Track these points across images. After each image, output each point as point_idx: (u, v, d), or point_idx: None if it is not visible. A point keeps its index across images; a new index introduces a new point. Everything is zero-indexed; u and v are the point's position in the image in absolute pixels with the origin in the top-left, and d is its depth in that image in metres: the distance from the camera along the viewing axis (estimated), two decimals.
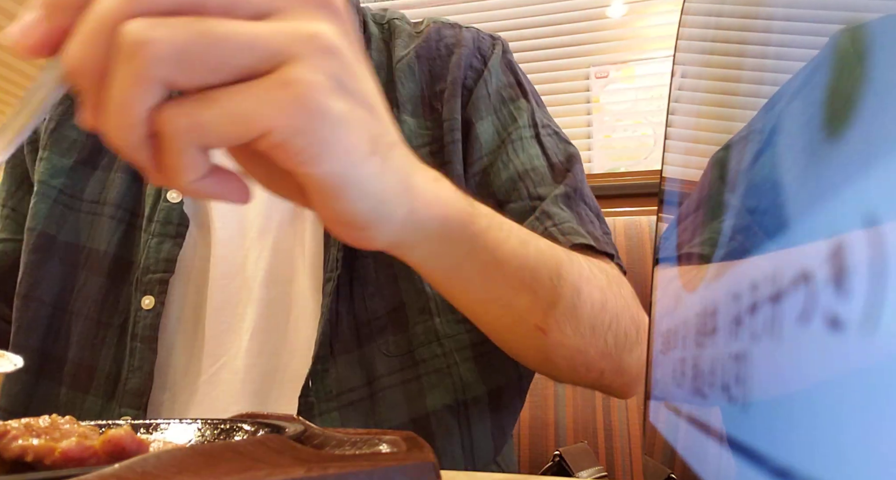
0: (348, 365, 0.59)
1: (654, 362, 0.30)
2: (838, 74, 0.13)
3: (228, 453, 0.20)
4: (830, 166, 0.13)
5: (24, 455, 0.23)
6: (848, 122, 0.12)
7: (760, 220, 0.17)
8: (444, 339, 0.61)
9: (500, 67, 0.69)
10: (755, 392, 0.16)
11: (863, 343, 0.11)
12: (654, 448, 0.30)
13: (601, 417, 1.03)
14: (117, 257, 0.64)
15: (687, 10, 0.33)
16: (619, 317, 0.53)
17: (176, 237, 0.62)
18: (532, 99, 0.68)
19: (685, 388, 0.24)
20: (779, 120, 0.18)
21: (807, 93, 0.15)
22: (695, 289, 0.23)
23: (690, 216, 0.26)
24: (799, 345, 0.14)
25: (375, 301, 0.60)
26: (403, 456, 0.21)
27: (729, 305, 0.18)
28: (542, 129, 0.66)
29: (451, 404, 0.60)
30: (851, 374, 0.12)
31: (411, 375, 0.60)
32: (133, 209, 0.65)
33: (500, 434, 0.64)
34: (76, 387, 0.61)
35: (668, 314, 0.28)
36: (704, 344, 0.21)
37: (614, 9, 1.85)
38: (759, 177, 0.18)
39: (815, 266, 0.13)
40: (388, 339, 0.60)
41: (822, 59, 0.14)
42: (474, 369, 0.61)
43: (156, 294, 0.60)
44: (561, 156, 0.65)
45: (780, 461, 0.14)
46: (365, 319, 0.60)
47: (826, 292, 0.12)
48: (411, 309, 0.60)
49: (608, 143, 1.82)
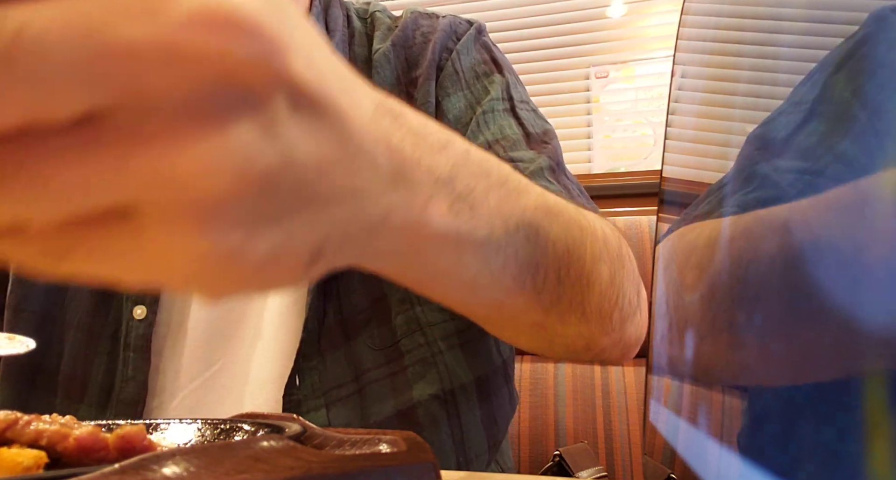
0: (336, 361, 0.58)
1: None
2: (888, 46, 0.14)
3: (228, 453, 0.20)
4: (877, 134, 0.13)
5: (38, 439, 0.23)
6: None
7: (811, 180, 0.18)
8: (427, 328, 0.59)
9: (472, 45, 0.66)
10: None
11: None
12: (654, 448, 0.30)
13: (601, 417, 1.03)
14: None
15: (687, 10, 0.33)
16: (624, 288, 0.47)
17: None
18: (509, 75, 0.65)
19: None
20: (822, 90, 0.18)
21: (853, 64, 0.15)
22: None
23: (720, 189, 0.26)
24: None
25: (358, 294, 0.59)
26: (403, 456, 0.21)
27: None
28: (519, 103, 0.63)
29: (437, 393, 0.59)
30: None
31: (397, 367, 0.59)
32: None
33: (491, 425, 0.63)
34: (70, 398, 0.61)
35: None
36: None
37: (614, 9, 1.85)
38: (807, 143, 0.18)
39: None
40: (374, 332, 0.59)
41: (867, 34, 0.14)
42: (460, 356, 0.61)
43: (147, 303, 0.59)
44: (538, 128, 0.62)
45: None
46: (349, 313, 0.59)
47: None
48: (392, 299, 0.59)
49: (608, 143, 1.82)
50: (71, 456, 0.23)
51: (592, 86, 1.86)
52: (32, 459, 0.22)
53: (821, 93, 0.18)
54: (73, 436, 0.23)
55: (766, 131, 0.22)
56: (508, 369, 0.67)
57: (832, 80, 0.17)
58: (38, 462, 0.22)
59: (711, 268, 0.23)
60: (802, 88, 0.19)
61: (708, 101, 0.30)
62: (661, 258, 0.30)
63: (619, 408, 1.03)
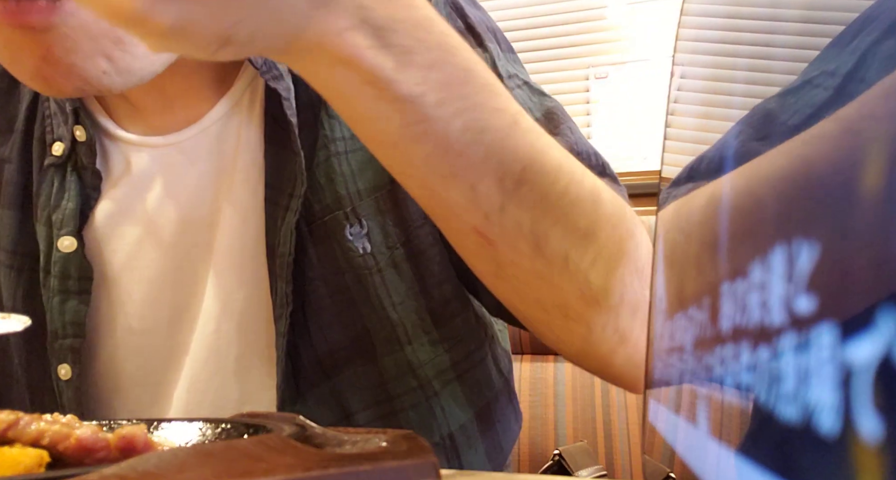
0: (319, 400, 0.52)
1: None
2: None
3: (228, 453, 0.20)
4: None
5: (40, 438, 0.23)
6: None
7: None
8: (420, 369, 0.53)
9: (441, 9, 0.52)
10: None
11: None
12: (654, 448, 0.30)
13: (601, 417, 1.03)
14: (30, 314, 0.52)
15: (686, 11, 0.33)
16: (617, 261, 0.41)
17: (80, 293, 0.51)
18: (491, 43, 0.53)
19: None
20: (861, 60, 0.15)
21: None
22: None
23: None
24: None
25: (335, 330, 0.52)
26: (403, 456, 0.21)
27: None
28: (508, 80, 0.52)
29: (436, 441, 0.54)
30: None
31: (387, 410, 0.53)
32: (31, 252, 0.53)
33: (497, 454, 0.59)
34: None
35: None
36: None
37: (614, 9, 1.85)
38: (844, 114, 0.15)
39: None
40: (357, 370, 0.53)
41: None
42: (458, 391, 0.55)
43: (70, 362, 0.51)
44: (536, 111, 0.52)
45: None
46: (326, 351, 0.52)
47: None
48: (377, 337, 0.53)
49: (608, 143, 1.82)
50: (72, 456, 0.23)
51: (592, 87, 1.86)
52: (34, 458, 0.22)
53: (856, 65, 0.15)
54: (75, 436, 0.23)
55: (778, 108, 0.19)
56: (510, 384, 0.62)
57: (874, 50, 0.14)
58: (39, 461, 0.22)
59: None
60: (833, 54, 0.16)
61: (707, 102, 0.30)
62: (660, 236, 0.30)
63: (619, 407, 1.03)
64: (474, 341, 0.57)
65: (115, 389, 0.54)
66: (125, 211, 0.53)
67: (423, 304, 0.54)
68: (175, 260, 0.52)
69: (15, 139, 0.55)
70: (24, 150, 0.54)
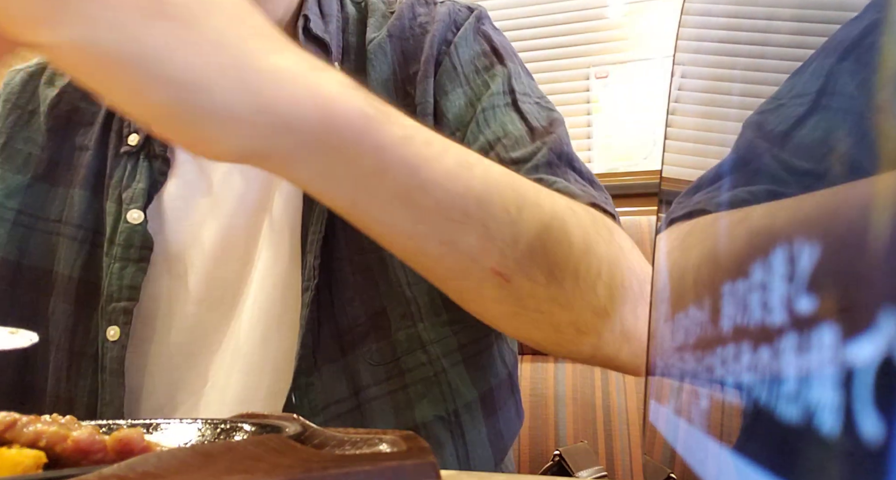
0: (333, 375, 0.56)
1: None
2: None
3: (228, 453, 0.20)
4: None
5: (37, 440, 0.23)
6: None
7: (807, 182, 0.16)
8: (430, 345, 0.57)
9: (471, 36, 0.62)
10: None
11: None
12: (654, 448, 0.30)
13: (601, 417, 1.03)
14: (83, 282, 0.59)
15: (687, 11, 0.33)
16: (613, 266, 0.44)
17: (139, 261, 0.56)
18: (511, 63, 0.61)
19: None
20: (826, 81, 0.16)
21: (859, 54, 0.14)
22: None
23: (725, 177, 0.25)
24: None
25: (355, 306, 0.57)
26: (403, 456, 0.21)
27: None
28: (521, 96, 0.59)
29: (441, 415, 0.57)
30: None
31: (398, 385, 0.57)
32: (96, 228, 0.60)
33: (497, 440, 0.61)
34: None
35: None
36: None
37: (614, 9, 1.85)
38: (810, 140, 0.17)
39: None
40: (372, 347, 0.57)
41: (876, 21, 0.13)
42: (464, 372, 0.59)
43: (120, 324, 0.56)
44: (542, 120, 0.58)
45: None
46: (346, 325, 0.56)
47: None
48: (393, 314, 0.57)
49: (608, 143, 1.82)
50: (69, 457, 0.23)
51: (592, 87, 1.86)
52: (32, 459, 0.22)
53: (824, 84, 0.17)
54: (72, 438, 0.23)
55: (763, 121, 0.21)
56: (514, 380, 0.65)
57: (837, 69, 0.16)
58: (37, 462, 0.22)
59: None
60: (802, 78, 0.18)
61: (708, 101, 0.30)
62: (661, 252, 0.30)
63: (619, 408, 1.03)
64: (482, 330, 0.59)
65: (157, 354, 0.58)
66: (189, 194, 0.59)
67: (435, 287, 0.55)
68: (232, 239, 0.58)
69: (94, 130, 0.62)
70: (101, 140, 0.62)
